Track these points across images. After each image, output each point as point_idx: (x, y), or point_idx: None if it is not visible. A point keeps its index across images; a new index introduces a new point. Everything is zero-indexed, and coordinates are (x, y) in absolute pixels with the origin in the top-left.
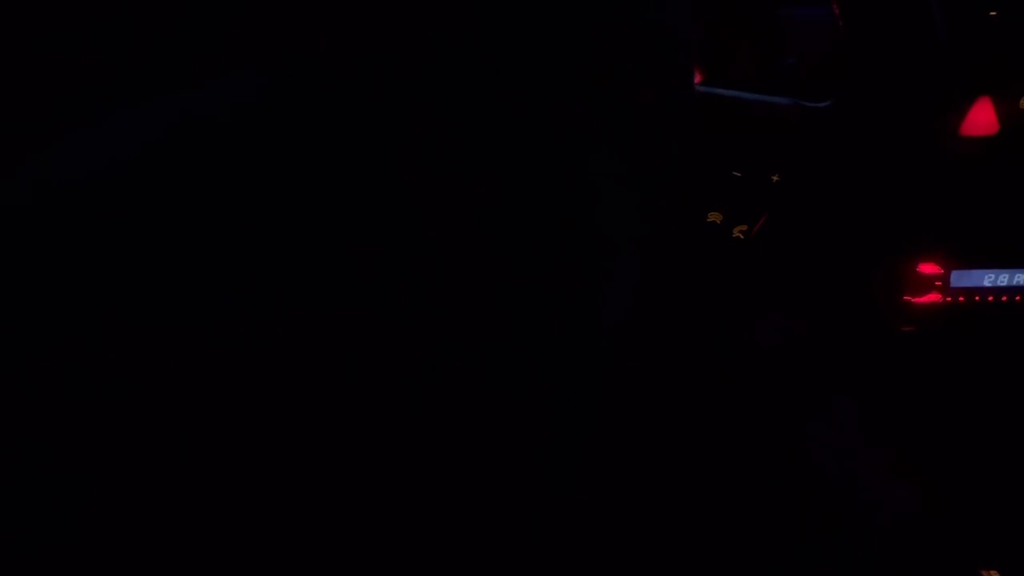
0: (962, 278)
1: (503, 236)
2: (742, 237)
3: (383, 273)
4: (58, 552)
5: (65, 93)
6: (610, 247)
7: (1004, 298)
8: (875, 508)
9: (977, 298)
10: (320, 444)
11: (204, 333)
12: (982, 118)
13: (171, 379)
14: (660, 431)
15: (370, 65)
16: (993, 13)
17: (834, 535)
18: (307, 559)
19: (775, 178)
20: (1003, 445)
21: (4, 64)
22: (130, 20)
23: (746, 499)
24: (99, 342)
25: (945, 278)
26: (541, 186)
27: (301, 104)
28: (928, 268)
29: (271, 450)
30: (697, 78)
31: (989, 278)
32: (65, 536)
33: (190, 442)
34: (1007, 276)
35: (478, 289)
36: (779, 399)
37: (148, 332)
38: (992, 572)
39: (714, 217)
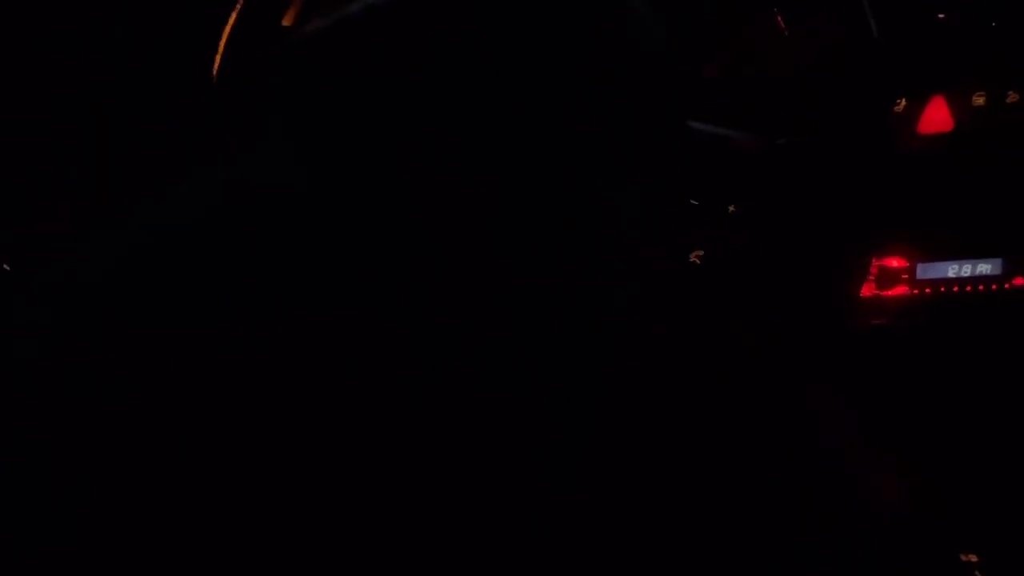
0: (927, 270)
1: (505, 237)
2: (698, 262)
3: (383, 273)
4: (58, 552)
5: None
6: (617, 254)
7: (968, 288)
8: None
9: (943, 289)
10: (319, 443)
11: (204, 332)
12: (937, 116)
13: (171, 379)
14: (656, 432)
15: (373, 66)
16: (942, 15)
17: (823, 526)
18: (307, 558)
19: (732, 208)
20: (978, 432)
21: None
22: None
23: (739, 496)
24: (99, 342)
25: (911, 271)
26: (544, 188)
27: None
28: (895, 262)
29: (271, 449)
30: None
31: (953, 269)
32: (65, 536)
33: (190, 442)
34: (970, 266)
35: (480, 289)
36: (762, 399)
37: (148, 332)
38: (971, 556)
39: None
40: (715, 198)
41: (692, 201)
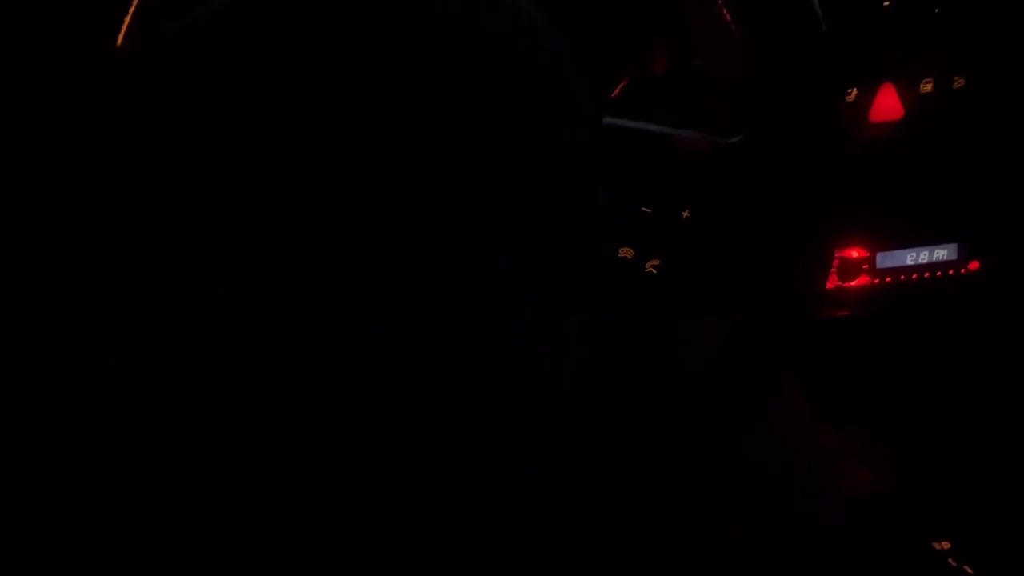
0: (887, 259)
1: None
2: (655, 272)
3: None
4: (58, 552)
5: None
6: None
7: (927, 274)
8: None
9: (903, 277)
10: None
11: (206, 332)
12: (887, 103)
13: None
14: (622, 432)
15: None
16: (887, 4)
17: (793, 517)
18: (307, 557)
19: (686, 214)
20: (945, 417)
21: None
22: None
23: (705, 491)
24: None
25: (871, 260)
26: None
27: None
28: (855, 252)
29: (271, 450)
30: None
31: (912, 256)
32: (65, 535)
33: (190, 441)
34: (927, 253)
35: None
36: (726, 396)
37: (150, 330)
38: (944, 543)
39: (625, 253)
40: (667, 203)
41: (644, 209)
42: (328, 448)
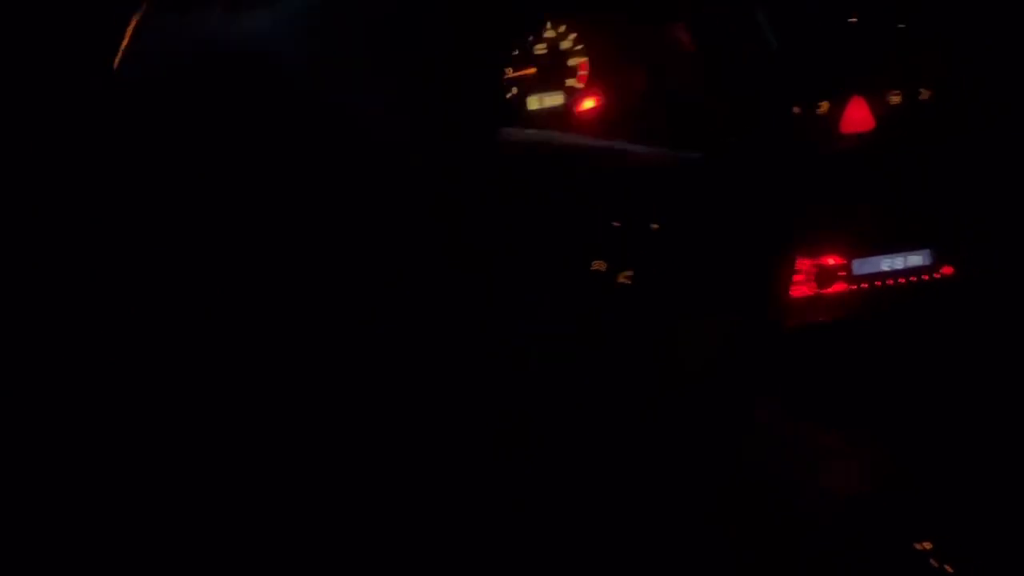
0: (863, 266)
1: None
2: (628, 282)
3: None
4: (58, 551)
5: None
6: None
7: (902, 280)
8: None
9: (879, 283)
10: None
11: (207, 333)
12: (858, 115)
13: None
14: (607, 438)
15: None
16: (853, 19)
17: (775, 519)
18: (307, 556)
19: (655, 227)
20: (922, 419)
21: None
22: None
23: (689, 496)
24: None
25: (848, 267)
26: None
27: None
28: (832, 260)
29: (271, 449)
30: (596, 103)
31: (887, 262)
32: (64, 535)
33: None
34: (902, 259)
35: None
36: (711, 404)
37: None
38: (925, 544)
39: (598, 265)
40: (636, 217)
41: (614, 223)
42: (328, 447)
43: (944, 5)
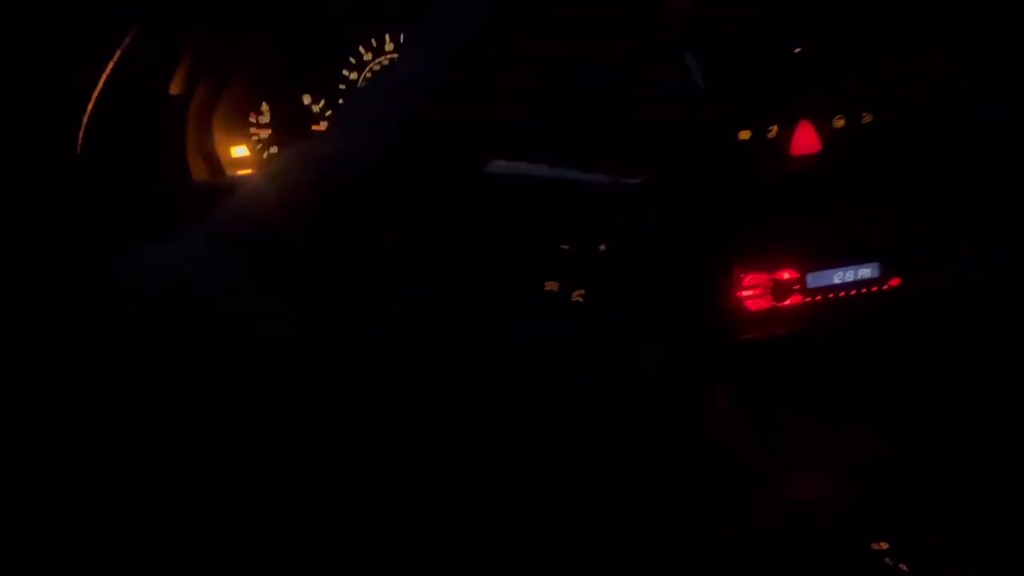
0: (817, 279)
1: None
2: (581, 300)
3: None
4: (58, 551)
5: None
6: None
7: (853, 292)
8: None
9: (832, 295)
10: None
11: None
12: (806, 139)
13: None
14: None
15: None
16: (798, 49)
17: (735, 524)
18: (307, 556)
19: (603, 247)
20: (876, 425)
21: None
22: None
23: (655, 505)
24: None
25: (803, 281)
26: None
27: None
28: (787, 274)
29: (271, 449)
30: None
31: (839, 275)
32: (64, 535)
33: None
34: (853, 272)
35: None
36: (668, 416)
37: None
38: (882, 543)
39: (551, 286)
40: (585, 239)
41: (563, 246)
42: (328, 447)
43: (881, 35)
